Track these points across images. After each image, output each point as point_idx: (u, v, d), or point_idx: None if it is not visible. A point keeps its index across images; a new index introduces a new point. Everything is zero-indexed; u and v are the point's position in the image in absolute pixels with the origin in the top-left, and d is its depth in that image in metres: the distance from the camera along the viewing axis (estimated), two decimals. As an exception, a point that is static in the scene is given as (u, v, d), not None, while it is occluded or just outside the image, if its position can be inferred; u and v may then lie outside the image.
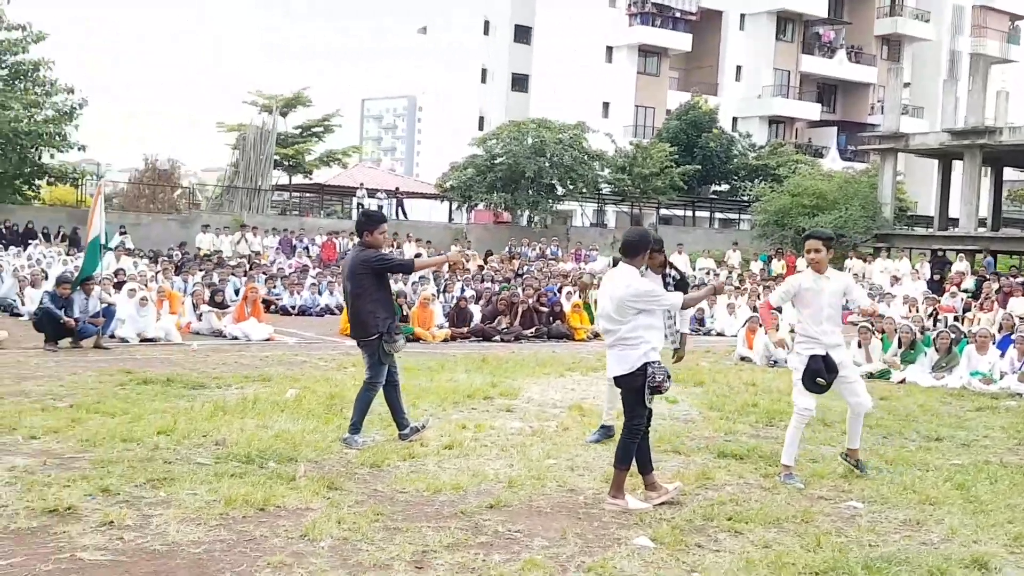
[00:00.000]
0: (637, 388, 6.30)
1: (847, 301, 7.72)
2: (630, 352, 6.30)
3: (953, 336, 13.17)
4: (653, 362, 6.27)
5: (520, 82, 60.43)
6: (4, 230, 28.52)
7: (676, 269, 8.29)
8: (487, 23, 60.68)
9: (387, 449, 7.73)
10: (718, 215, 51.13)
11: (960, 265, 27.21)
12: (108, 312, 13.63)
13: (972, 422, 10.12)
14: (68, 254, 25.32)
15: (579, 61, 54.44)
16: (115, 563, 4.88)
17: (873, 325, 13.77)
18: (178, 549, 5.14)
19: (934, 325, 18.54)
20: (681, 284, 8.12)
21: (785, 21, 57.99)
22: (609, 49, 55.52)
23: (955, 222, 35.84)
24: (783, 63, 58.04)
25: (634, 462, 6.50)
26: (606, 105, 54.88)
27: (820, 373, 7.11)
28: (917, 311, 20.29)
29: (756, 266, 30.97)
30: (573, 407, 10.10)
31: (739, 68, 57.71)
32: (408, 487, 6.65)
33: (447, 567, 5.10)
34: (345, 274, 8.24)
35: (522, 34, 60.38)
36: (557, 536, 5.74)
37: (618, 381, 6.46)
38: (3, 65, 32.76)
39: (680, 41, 55.67)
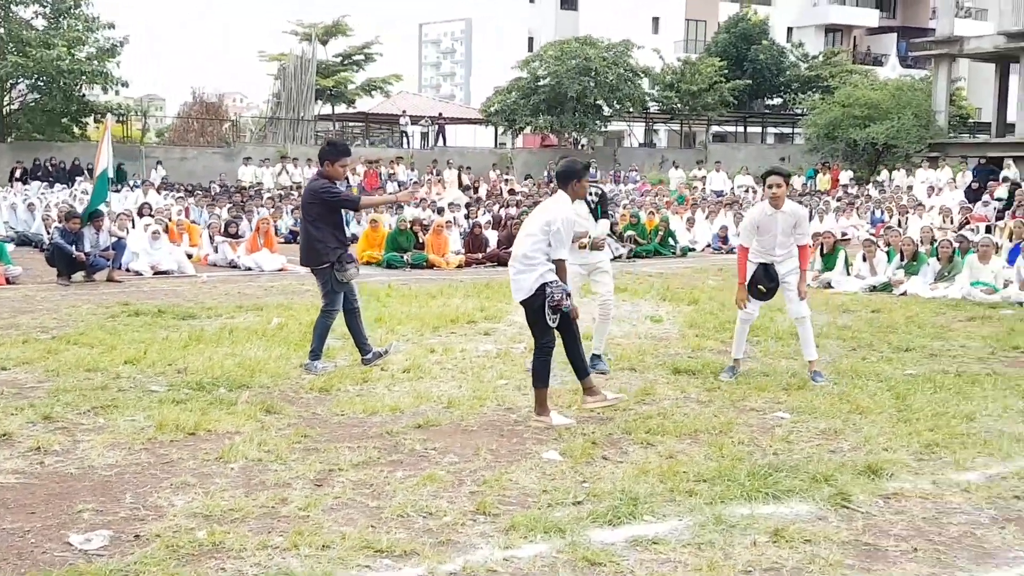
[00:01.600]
0: (537, 309, 6.42)
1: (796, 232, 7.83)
2: (528, 275, 6.44)
3: (957, 245, 12.86)
4: (550, 282, 6.38)
5: (569, 0, 59.45)
6: (50, 167, 29.29)
7: (597, 187, 8.30)
8: (534, -59, 59.68)
9: (344, 374, 7.93)
10: (771, 130, 50.10)
11: (1009, 172, 26.36)
12: (118, 246, 14.02)
13: (955, 332, 9.96)
14: (112, 190, 25.91)
15: (627, -25, 53.26)
16: (24, 486, 5.15)
17: (878, 238, 13.52)
18: (91, 472, 5.39)
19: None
20: (602, 201, 8.21)
21: (841, -76, 55.91)
22: (657, -39, 54.18)
23: (1013, 128, 34.56)
24: (840, -32, 56.06)
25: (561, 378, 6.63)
26: (656, 20, 53.78)
27: (760, 281, 7.73)
28: (951, 221, 19.85)
29: (799, 181, 30.36)
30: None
31: (794, -24, 55.89)
32: (347, 410, 6.83)
33: (346, 484, 5.27)
34: (302, 202, 8.42)
35: (570, -50, 59.31)
36: (470, 452, 5.88)
37: (522, 305, 6.57)
38: (44, 3, 33.26)
39: (731, -50, 54.01)
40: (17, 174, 27.64)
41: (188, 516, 4.72)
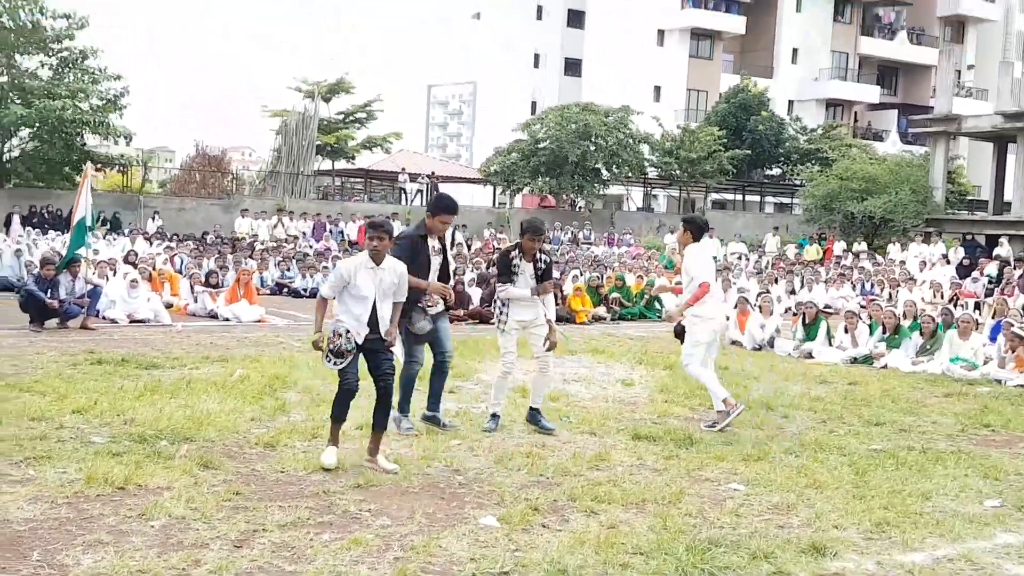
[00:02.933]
0: None
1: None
2: None
3: (940, 320, 12.70)
4: (339, 327, 6.65)
5: (573, 67, 60.23)
6: (46, 214, 29.29)
7: (545, 254, 8.14)
8: (539, 8, 60.65)
9: (294, 428, 7.72)
10: (770, 199, 50.27)
11: (1002, 250, 26.27)
12: (94, 293, 13.88)
13: (929, 408, 9.74)
14: (104, 237, 25.87)
15: (631, 45, 53.99)
16: (-69, 536, 4.95)
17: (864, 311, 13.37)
18: (5, 526, 5.17)
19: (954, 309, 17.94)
20: (546, 272, 8.12)
21: (843, 2, 56.88)
22: (661, 32, 54.91)
23: (1009, 207, 34.56)
24: (841, 45, 56.87)
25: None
26: (658, 89, 54.33)
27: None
28: (941, 296, 19.72)
29: (792, 251, 30.32)
30: (517, 389, 9.96)
31: (795, 51, 56.63)
32: (289, 467, 6.63)
33: (267, 545, 5.06)
34: None
35: (575, 18, 60.21)
36: (405, 515, 5.67)
37: None
38: (51, 53, 33.47)
39: (734, 24, 54.85)
40: (15, 221, 27.56)
41: None
